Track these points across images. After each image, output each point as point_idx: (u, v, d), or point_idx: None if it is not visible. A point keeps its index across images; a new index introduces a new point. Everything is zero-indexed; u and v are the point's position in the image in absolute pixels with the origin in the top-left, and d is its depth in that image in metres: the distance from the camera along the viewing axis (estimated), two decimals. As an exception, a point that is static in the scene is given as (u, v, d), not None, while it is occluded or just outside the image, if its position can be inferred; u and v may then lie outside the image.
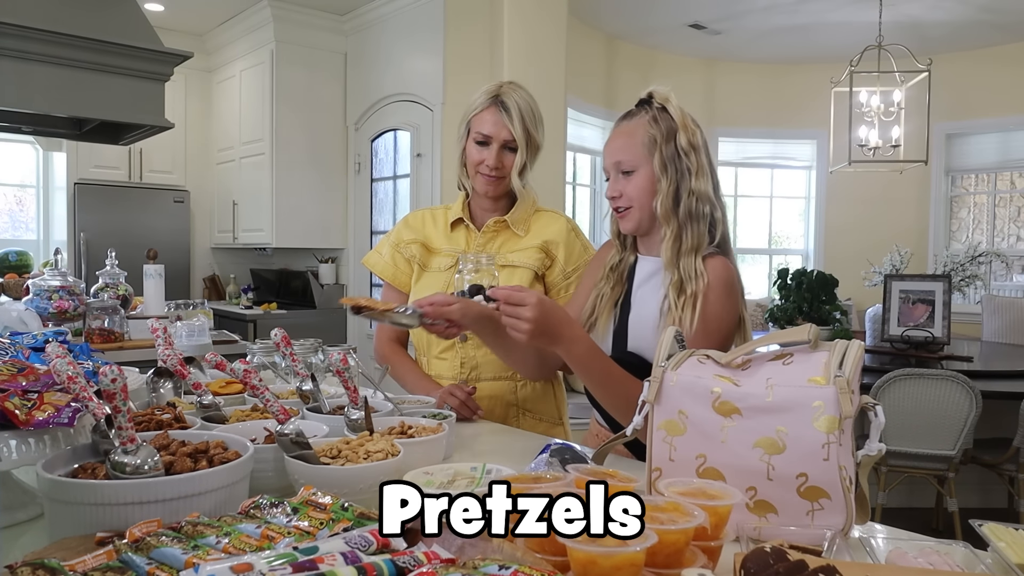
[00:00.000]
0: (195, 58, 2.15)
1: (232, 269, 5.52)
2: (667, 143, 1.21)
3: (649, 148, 1.22)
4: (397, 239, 1.62)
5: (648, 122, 1.23)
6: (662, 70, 5.92)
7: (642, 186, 1.23)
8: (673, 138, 1.21)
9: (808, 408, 0.79)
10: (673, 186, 1.20)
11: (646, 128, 1.22)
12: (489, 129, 1.47)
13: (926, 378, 2.85)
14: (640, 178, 1.23)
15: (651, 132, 1.22)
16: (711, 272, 1.19)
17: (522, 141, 1.47)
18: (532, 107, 1.50)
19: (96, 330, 2.39)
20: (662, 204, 1.20)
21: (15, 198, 5.16)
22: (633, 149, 1.23)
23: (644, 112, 1.24)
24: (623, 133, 1.25)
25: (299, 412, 1.13)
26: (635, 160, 1.23)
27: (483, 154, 1.47)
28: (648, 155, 1.22)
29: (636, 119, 1.24)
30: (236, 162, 5.09)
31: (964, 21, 5.01)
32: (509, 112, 1.46)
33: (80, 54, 1.79)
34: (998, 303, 4.92)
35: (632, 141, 1.23)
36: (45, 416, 0.78)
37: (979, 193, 5.98)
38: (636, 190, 1.23)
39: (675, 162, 1.21)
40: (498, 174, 1.49)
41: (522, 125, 1.46)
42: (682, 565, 0.62)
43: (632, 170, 1.23)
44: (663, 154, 1.21)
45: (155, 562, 0.59)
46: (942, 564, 0.68)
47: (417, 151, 4.14)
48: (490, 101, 1.47)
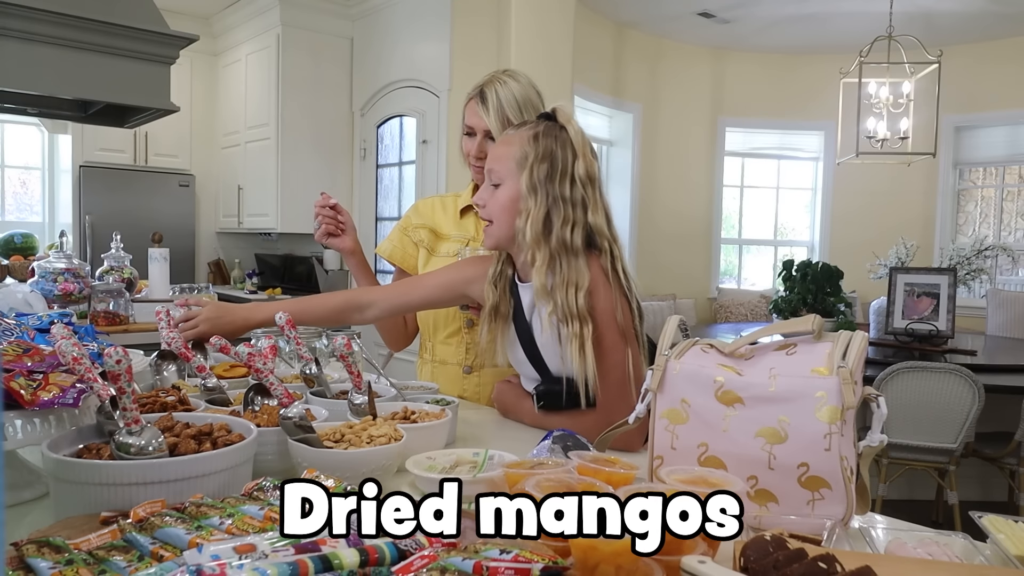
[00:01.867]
0: (201, 42, 2.14)
1: (237, 254, 5.53)
2: (540, 163, 1.13)
3: (520, 164, 1.15)
4: (406, 224, 1.65)
5: (529, 138, 1.16)
6: (670, 59, 5.88)
7: (503, 202, 1.17)
8: (551, 159, 1.13)
9: (810, 398, 0.79)
10: (542, 211, 1.13)
11: (524, 143, 1.15)
12: (469, 120, 1.48)
13: (929, 371, 2.85)
14: (503, 193, 1.17)
15: (525, 149, 1.15)
16: (592, 272, 1.13)
17: (498, 132, 1.43)
18: (519, 97, 1.44)
19: (101, 313, 2.40)
20: (530, 228, 1.13)
21: (20, 180, 5.17)
22: (505, 161, 1.17)
23: (535, 126, 1.18)
24: (503, 141, 1.21)
25: (303, 396, 1.13)
26: (502, 173, 1.17)
27: (469, 145, 1.49)
28: (518, 171, 1.15)
29: (522, 130, 1.19)
30: (241, 146, 5.08)
31: (975, 12, 4.95)
32: (485, 104, 1.44)
33: (86, 36, 1.79)
34: (1003, 297, 4.90)
35: (507, 152, 1.17)
36: (50, 396, 0.79)
37: (987, 187, 5.94)
38: (498, 204, 1.18)
39: (548, 186, 1.13)
40: (481, 163, 1.49)
41: (499, 116, 1.43)
42: (682, 552, 0.62)
43: (499, 183, 1.18)
44: (533, 175, 1.13)
45: (159, 542, 0.59)
46: (941, 555, 0.68)
47: (423, 137, 4.13)
48: (474, 92, 1.48)
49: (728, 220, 6.57)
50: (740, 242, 6.67)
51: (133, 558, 0.57)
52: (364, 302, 1.37)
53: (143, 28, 1.87)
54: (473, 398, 1.53)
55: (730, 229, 6.60)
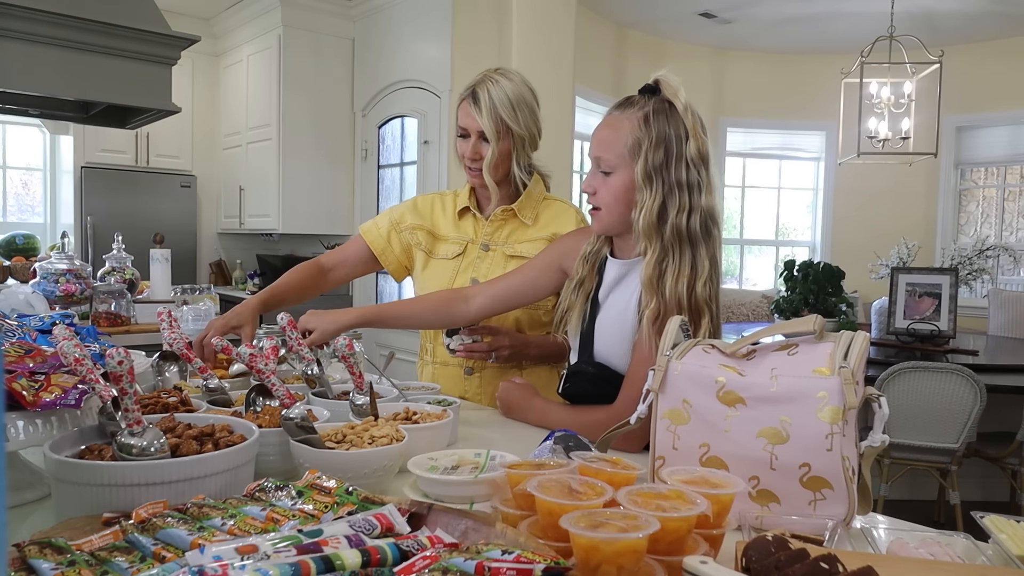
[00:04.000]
0: (202, 42, 2.14)
1: (238, 255, 5.53)
2: (656, 149, 1.06)
3: (632, 151, 1.08)
4: (400, 219, 1.61)
5: (639, 120, 1.08)
6: (671, 59, 5.88)
7: (616, 191, 1.11)
8: (666, 144, 1.06)
9: (812, 399, 0.79)
10: (658, 200, 1.06)
11: (634, 127, 1.08)
12: (463, 121, 1.47)
13: (931, 371, 2.84)
14: (616, 181, 1.11)
15: (637, 134, 1.08)
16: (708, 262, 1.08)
17: (492, 133, 1.43)
18: (513, 96, 1.43)
19: (103, 314, 2.41)
20: (644, 219, 1.07)
21: (22, 181, 5.17)
22: (615, 148, 1.10)
23: (642, 105, 1.09)
24: (610, 125, 1.12)
25: (304, 397, 1.13)
26: (614, 161, 1.11)
27: (463, 146, 1.48)
28: (630, 159, 1.08)
29: (629, 112, 1.10)
30: (243, 147, 5.09)
31: (976, 12, 4.95)
32: (478, 104, 1.43)
33: (87, 37, 1.79)
34: (1005, 297, 4.89)
35: (616, 137, 1.10)
36: (52, 398, 0.79)
37: (988, 187, 5.93)
38: (610, 193, 1.12)
39: (664, 173, 1.06)
40: (476, 165, 1.48)
41: (492, 116, 1.42)
42: (684, 552, 0.62)
43: (610, 171, 1.12)
44: (648, 162, 1.06)
45: (161, 543, 0.59)
46: (943, 555, 0.68)
47: (424, 138, 4.13)
48: (467, 92, 1.47)
49: (729, 220, 6.57)
50: (741, 242, 6.67)
51: (135, 559, 0.57)
52: (468, 294, 1.36)
53: (144, 29, 1.87)
54: (474, 399, 1.53)
55: (731, 229, 6.60)
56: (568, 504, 0.64)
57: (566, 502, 0.64)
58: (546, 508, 0.65)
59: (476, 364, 1.53)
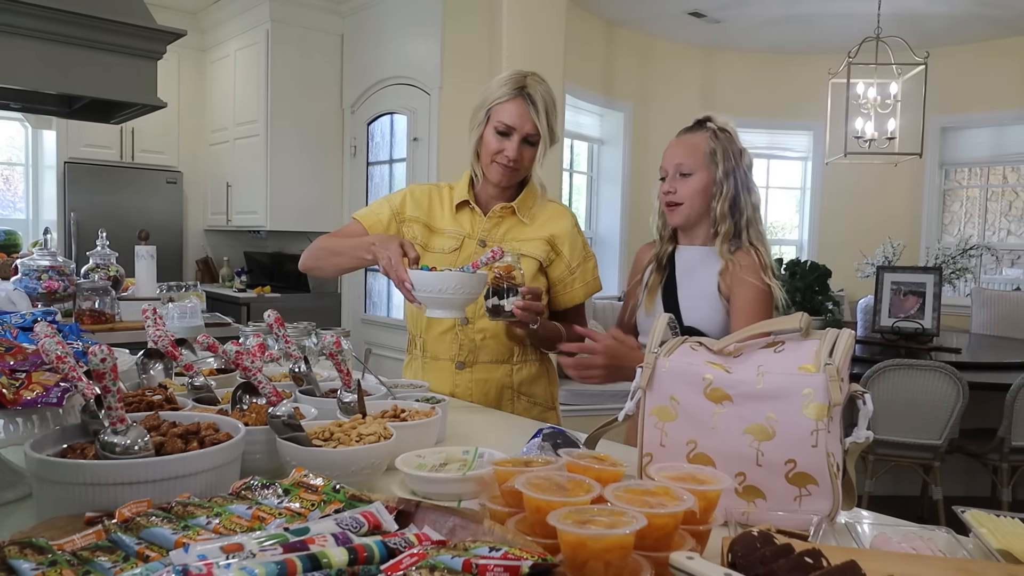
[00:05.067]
0: (189, 37, 2.12)
1: (225, 252, 5.49)
2: (726, 158, 1.43)
3: (710, 157, 1.43)
4: (400, 209, 1.59)
5: (709, 137, 1.45)
6: (661, 58, 5.89)
7: (696, 188, 1.45)
8: (732, 155, 1.44)
9: (798, 395, 0.80)
10: (732, 192, 1.43)
11: (708, 141, 1.45)
12: (513, 120, 1.46)
13: (915, 369, 2.88)
14: (696, 181, 1.44)
15: (712, 145, 1.44)
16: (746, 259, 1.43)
17: (545, 135, 1.48)
18: (554, 100, 1.51)
19: (87, 311, 2.38)
20: (721, 206, 1.43)
21: (3, 176, 5.10)
22: (695, 156, 1.44)
23: (706, 128, 1.47)
24: (685, 142, 1.47)
25: (291, 394, 1.13)
26: (694, 165, 1.44)
27: (503, 144, 1.47)
28: (709, 163, 1.43)
29: (698, 133, 1.47)
30: (230, 143, 5.04)
31: (962, 14, 5.00)
32: (536, 105, 1.46)
33: (70, 29, 1.76)
34: (987, 296, 4.96)
35: (695, 150, 1.45)
36: (33, 396, 0.78)
37: (972, 187, 6.00)
38: (690, 191, 1.45)
39: (735, 173, 1.44)
40: (515, 166, 1.49)
41: (547, 119, 1.48)
42: (671, 548, 0.62)
43: (690, 173, 1.45)
44: (725, 165, 1.43)
45: (145, 542, 0.59)
46: (925, 549, 0.68)
47: (414, 135, 4.11)
48: (516, 92, 1.46)
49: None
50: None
51: (118, 559, 0.57)
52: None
53: (129, 23, 1.85)
54: (465, 394, 1.53)
55: (719, 228, 6.63)
56: (556, 501, 0.64)
57: (554, 499, 0.64)
58: (534, 505, 0.65)
59: (468, 358, 1.53)
